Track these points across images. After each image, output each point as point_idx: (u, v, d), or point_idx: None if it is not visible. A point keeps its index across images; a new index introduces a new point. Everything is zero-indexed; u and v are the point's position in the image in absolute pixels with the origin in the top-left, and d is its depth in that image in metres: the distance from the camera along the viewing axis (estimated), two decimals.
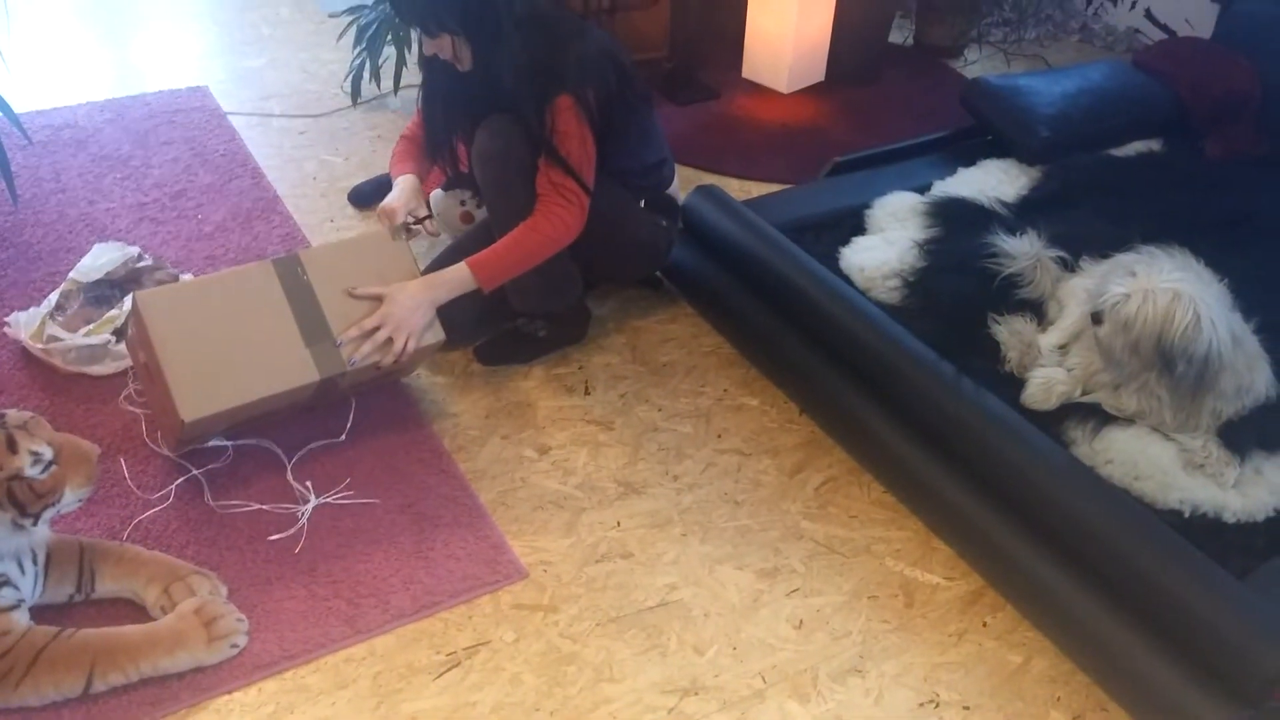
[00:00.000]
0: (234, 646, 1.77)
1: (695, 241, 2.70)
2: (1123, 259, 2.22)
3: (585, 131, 2.20)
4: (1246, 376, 2.03)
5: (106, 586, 1.82)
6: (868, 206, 2.74)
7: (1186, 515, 1.90)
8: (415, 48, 3.42)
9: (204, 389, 1.95)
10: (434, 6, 2.12)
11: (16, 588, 1.70)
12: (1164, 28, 4.02)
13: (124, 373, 2.35)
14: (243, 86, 3.65)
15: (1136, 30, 4.12)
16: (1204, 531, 1.87)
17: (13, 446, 1.61)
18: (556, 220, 2.21)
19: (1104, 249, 2.34)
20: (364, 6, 3.46)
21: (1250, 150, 3.03)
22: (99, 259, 2.48)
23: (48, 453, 1.65)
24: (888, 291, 2.43)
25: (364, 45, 3.42)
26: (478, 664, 1.80)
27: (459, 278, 2.20)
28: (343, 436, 2.23)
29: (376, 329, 2.10)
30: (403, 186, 2.35)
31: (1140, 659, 1.73)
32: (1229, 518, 1.90)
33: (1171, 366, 1.97)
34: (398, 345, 2.11)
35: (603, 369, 2.49)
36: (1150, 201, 2.67)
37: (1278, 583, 1.76)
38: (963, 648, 1.88)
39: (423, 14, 2.14)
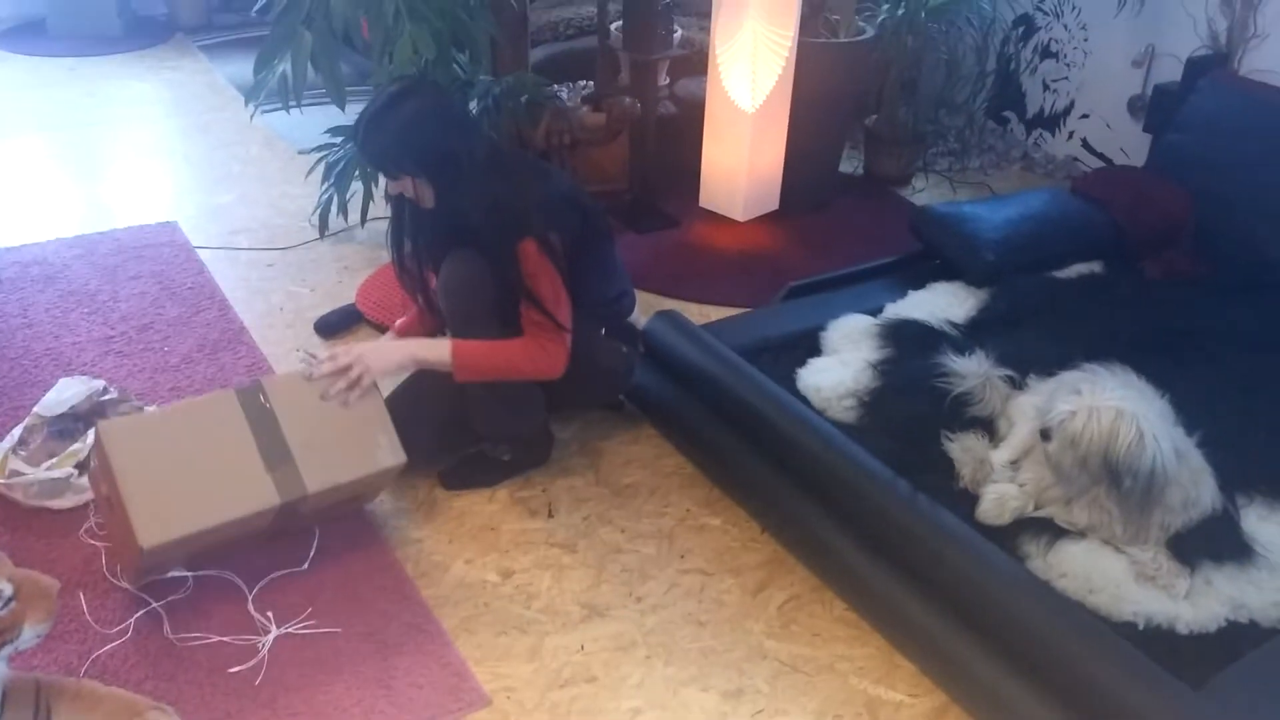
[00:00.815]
0: None
1: (656, 365, 2.76)
2: (1068, 376, 2.29)
3: (553, 272, 2.28)
4: (1192, 490, 2.09)
5: None
6: (822, 329, 2.82)
7: (1141, 627, 1.93)
8: (382, 183, 3.54)
9: (163, 516, 1.95)
10: (394, 152, 2.22)
11: None
12: (1100, 156, 4.22)
13: (85, 506, 2.34)
14: (212, 221, 3.74)
15: (1075, 159, 4.31)
16: (1159, 643, 1.89)
17: None
18: (544, 351, 2.29)
19: (1050, 367, 2.41)
20: (333, 144, 3.57)
21: (1189, 273, 3.16)
22: (63, 393, 2.50)
23: (7, 589, 1.64)
24: (844, 411, 2.49)
25: (332, 181, 3.52)
26: None
27: (438, 349, 2.28)
28: (304, 565, 2.23)
29: (348, 366, 2.17)
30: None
31: None
32: (1182, 629, 1.93)
33: (1118, 481, 2.03)
34: (354, 373, 2.17)
35: (566, 491, 2.51)
36: (1093, 321, 2.78)
37: (1232, 692, 1.78)
38: None
39: (383, 159, 2.25)
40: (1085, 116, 4.26)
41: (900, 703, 2.00)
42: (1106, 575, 2.00)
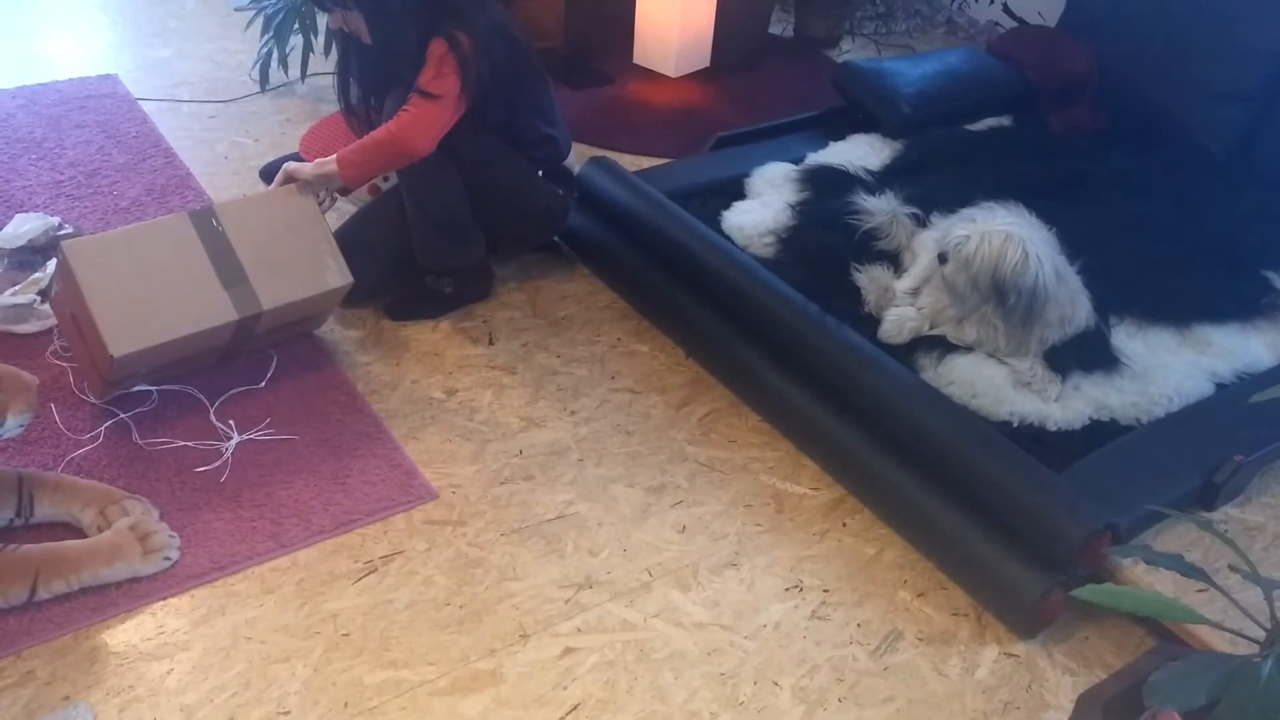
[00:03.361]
0: (167, 559, 1.94)
1: (590, 208, 2.93)
2: (966, 212, 2.51)
3: (445, 65, 2.34)
4: (1069, 308, 2.33)
5: (45, 511, 1.97)
6: (747, 176, 3.00)
7: (1015, 425, 2.18)
8: (324, 33, 3.60)
9: (131, 327, 2.10)
10: None
11: None
12: (1019, 19, 4.38)
13: (49, 331, 2.48)
14: (152, 75, 3.77)
15: (996, 23, 4.48)
16: (1030, 438, 2.15)
17: None
18: (410, 119, 2.35)
19: (953, 206, 2.62)
20: None
21: (1089, 126, 3.37)
22: (21, 227, 2.61)
23: None
24: (764, 247, 2.69)
25: (271, 33, 3.58)
26: (393, 570, 2.00)
27: (327, 161, 2.40)
28: (262, 383, 2.40)
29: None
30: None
31: (975, 543, 2.00)
32: (1051, 426, 2.19)
33: (1004, 298, 2.25)
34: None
35: (506, 323, 2.70)
36: (997, 168, 2.98)
37: (1088, 475, 2.04)
38: (825, 543, 2.13)
39: None
40: None
41: (804, 495, 2.25)
42: (988, 382, 2.24)
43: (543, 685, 1.82)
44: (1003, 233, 2.28)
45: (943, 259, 2.33)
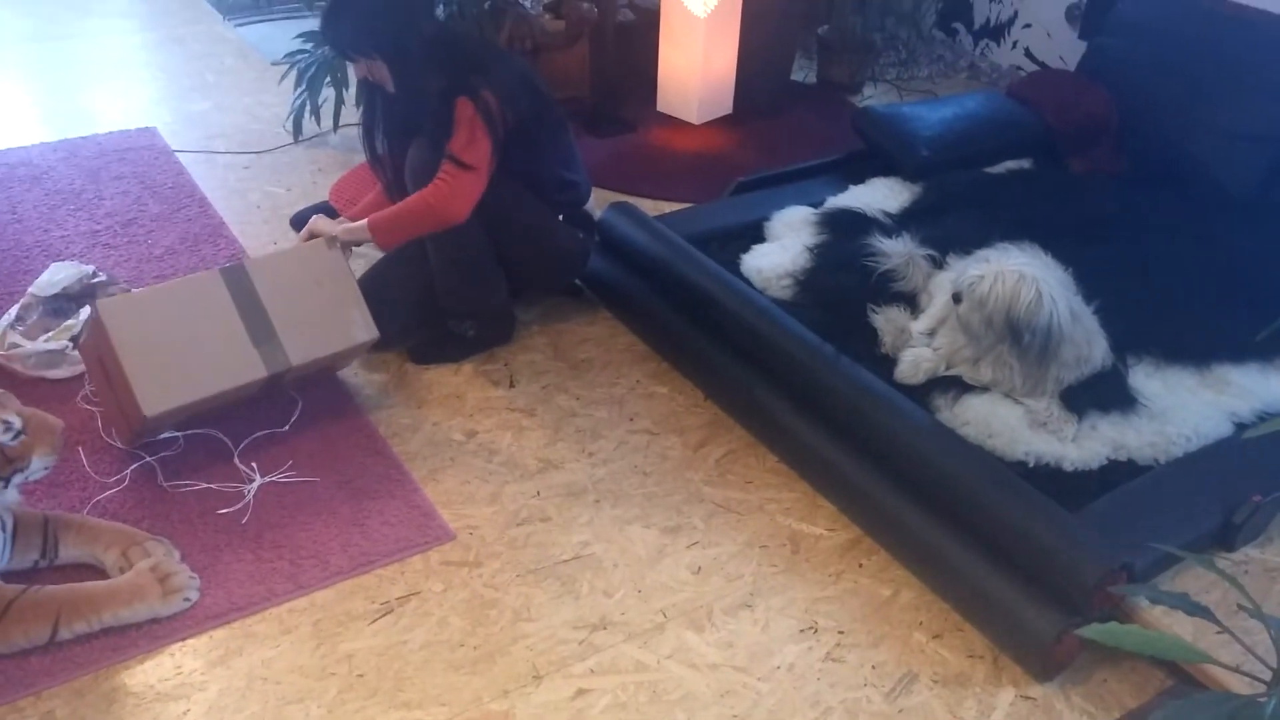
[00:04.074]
0: (186, 600, 1.97)
1: (611, 253, 2.96)
2: (981, 253, 2.52)
3: (476, 129, 2.42)
4: (1085, 348, 2.32)
5: (69, 552, 2.01)
6: (767, 220, 3.03)
7: (1031, 465, 2.18)
8: (354, 85, 3.69)
9: (163, 386, 2.16)
10: (349, 34, 2.44)
11: None
12: (1040, 64, 4.40)
13: (80, 376, 2.54)
14: (189, 128, 3.88)
15: (1018, 68, 4.50)
16: (1046, 478, 2.14)
17: None
18: (445, 188, 2.44)
19: (969, 248, 2.63)
20: (303, 51, 3.72)
21: (1110, 168, 3.38)
22: (56, 275, 2.69)
23: (17, 422, 1.85)
24: (781, 289, 2.71)
25: (304, 86, 3.67)
26: (409, 610, 2.02)
27: (359, 226, 2.50)
28: (286, 427, 2.44)
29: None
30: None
31: (991, 584, 1.99)
32: (1067, 466, 2.18)
33: (1019, 337, 2.25)
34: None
35: (526, 365, 2.73)
36: (1015, 210, 2.99)
37: (1102, 514, 2.03)
38: (840, 584, 2.12)
39: (339, 41, 2.48)
40: (1028, 26, 4.44)
41: (820, 535, 2.24)
42: (1004, 422, 2.24)
43: None
44: (1016, 273, 2.28)
45: (957, 299, 2.34)
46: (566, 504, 2.29)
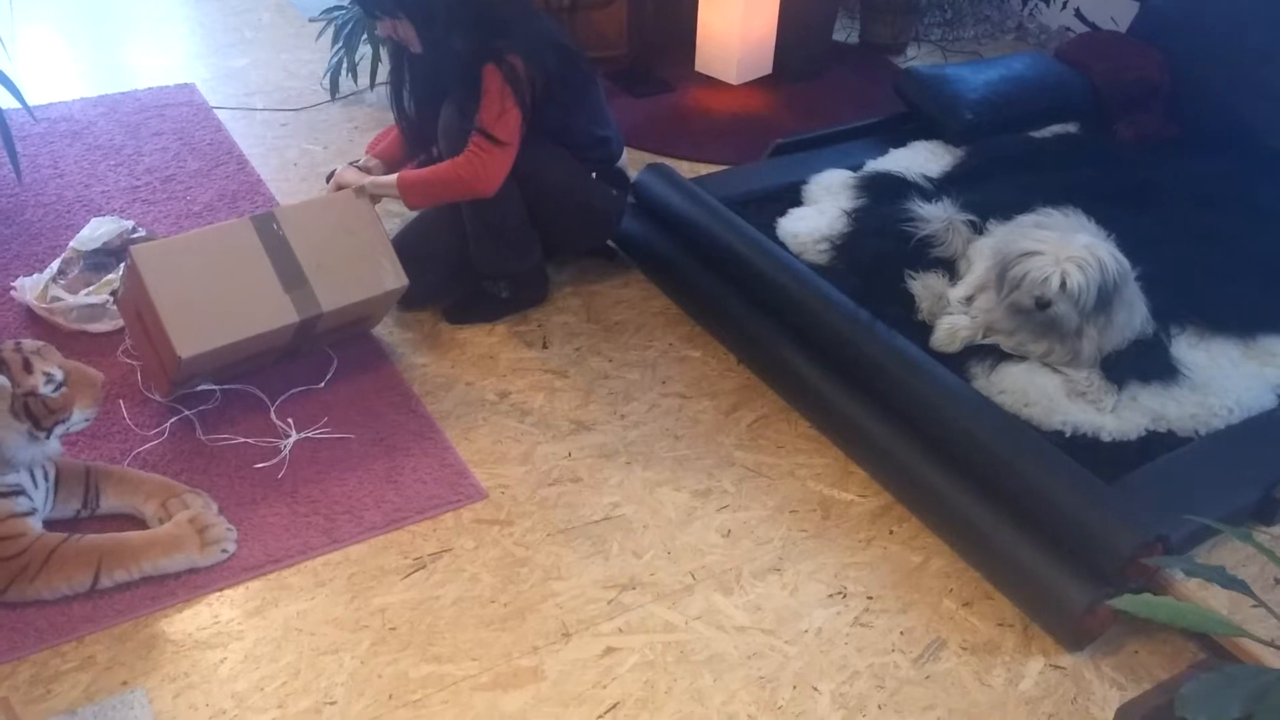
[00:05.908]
0: (224, 551, 2.00)
1: (646, 214, 2.95)
2: (1023, 219, 2.48)
3: (506, 94, 2.41)
4: (1127, 312, 2.29)
5: (109, 503, 2.05)
6: (804, 183, 3.00)
7: (1068, 435, 2.15)
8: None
9: (197, 329, 2.18)
10: None
11: (30, 498, 1.92)
12: (1091, 25, 4.31)
13: (120, 330, 2.57)
14: (227, 84, 3.90)
15: (1068, 29, 4.40)
16: (1083, 448, 2.11)
17: (29, 367, 1.84)
18: (477, 162, 2.43)
19: (1010, 213, 2.59)
20: (340, 7, 3.71)
21: (1159, 134, 3.30)
22: (97, 230, 2.72)
23: (59, 374, 1.88)
24: (818, 254, 2.68)
25: (341, 43, 3.67)
26: (441, 567, 2.04)
27: (388, 180, 2.50)
28: (322, 384, 2.46)
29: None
30: (365, 164, 2.64)
31: (1022, 553, 1.97)
32: (1105, 437, 2.15)
33: (1107, 308, 2.21)
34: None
35: (560, 327, 2.73)
36: (1059, 175, 2.94)
37: (1139, 487, 2.00)
38: (870, 550, 2.12)
39: (367, 0, 2.43)
40: None
41: (851, 501, 2.24)
42: (1041, 391, 2.21)
43: (583, 684, 1.84)
44: (1081, 255, 2.21)
45: (1042, 303, 2.22)
46: (598, 465, 2.30)
